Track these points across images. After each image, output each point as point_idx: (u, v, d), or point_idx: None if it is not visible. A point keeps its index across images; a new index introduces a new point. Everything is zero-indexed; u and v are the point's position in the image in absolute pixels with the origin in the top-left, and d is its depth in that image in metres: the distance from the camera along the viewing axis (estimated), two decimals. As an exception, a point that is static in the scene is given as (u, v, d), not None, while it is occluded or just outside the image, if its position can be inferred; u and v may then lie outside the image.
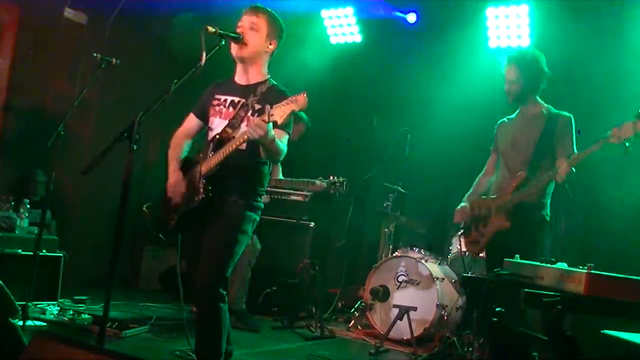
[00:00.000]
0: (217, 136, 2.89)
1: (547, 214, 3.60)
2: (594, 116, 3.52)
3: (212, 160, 2.82)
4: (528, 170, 3.54)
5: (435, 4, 6.04)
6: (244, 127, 2.82)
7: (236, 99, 2.96)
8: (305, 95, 2.54)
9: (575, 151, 3.48)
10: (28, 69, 5.67)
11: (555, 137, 3.54)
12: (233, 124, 2.89)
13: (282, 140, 2.81)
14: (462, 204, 3.86)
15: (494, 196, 3.72)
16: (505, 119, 3.86)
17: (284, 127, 2.81)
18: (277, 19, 3.01)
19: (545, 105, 3.68)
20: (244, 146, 2.79)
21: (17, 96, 5.62)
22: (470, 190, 3.95)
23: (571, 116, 3.59)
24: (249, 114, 2.87)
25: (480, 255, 4.07)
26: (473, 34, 5.99)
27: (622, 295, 1.99)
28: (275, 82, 3.00)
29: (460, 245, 5.00)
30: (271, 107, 2.58)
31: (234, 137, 2.81)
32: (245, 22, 2.94)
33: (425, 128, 5.89)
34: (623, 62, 5.01)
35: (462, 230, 4.00)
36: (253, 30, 2.92)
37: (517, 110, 3.79)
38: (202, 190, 2.80)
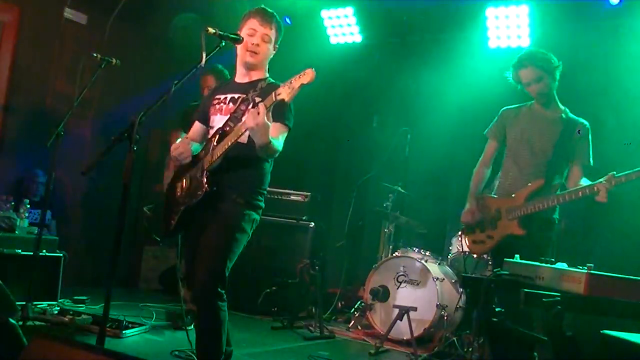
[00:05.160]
0: (220, 130, 2.89)
1: (557, 217, 3.54)
2: (593, 117, 3.51)
3: (215, 153, 2.82)
4: (545, 176, 3.43)
5: (435, 4, 6.04)
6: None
7: (236, 95, 2.99)
8: (312, 69, 2.50)
9: (591, 161, 3.48)
10: (28, 68, 5.68)
11: (571, 143, 3.46)
12: (234, 118, 2.89)
13: (279, 138, 2.82)
14: (470, 204, 3.71)
15: (497, 196, 3.59)
16: (512, 108, 3.70)
17: (286, 115, 2.83)
18: (282, 24, 3.07)
19: (563, 107, 3.59)
20: (245, 139, 2.79)
21: (17, 96, 5.62)
22: (472, 185, 3.78)
23: (587, 124, 3.53)
24: (250, 107, 2.87)
25: (484, 256, 3.96)
26: (473, 34, 5.99)
27: (622, 295, 2.00)
28: (273, 80, 3.02)
29: (460, 245, 4.99)
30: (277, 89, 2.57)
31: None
32: (259, 31, 2.95)
33: (425, 128, 5.89)
34: (623, 63, 5.01)
35: (463, 227, 3.80)
36: (265, 42, 2.96)
37: (529, 104, 3.64)
38: (205, 183, 2.80)
